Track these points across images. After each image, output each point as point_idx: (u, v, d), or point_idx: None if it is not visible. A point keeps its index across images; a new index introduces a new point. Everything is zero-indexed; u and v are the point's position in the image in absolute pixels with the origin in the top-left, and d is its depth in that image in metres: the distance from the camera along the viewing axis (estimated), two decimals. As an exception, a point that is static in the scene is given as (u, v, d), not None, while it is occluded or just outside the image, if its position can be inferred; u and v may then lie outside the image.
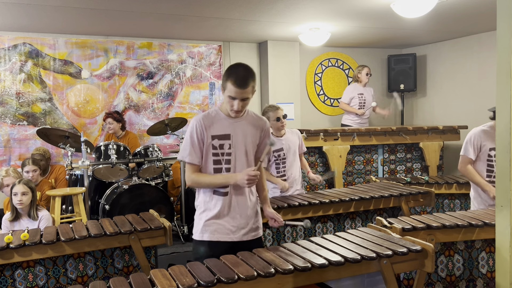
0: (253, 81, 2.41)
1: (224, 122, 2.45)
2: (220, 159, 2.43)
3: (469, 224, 2.78)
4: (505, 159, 2.15)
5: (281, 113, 3.79)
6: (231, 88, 2.33)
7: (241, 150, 2.46)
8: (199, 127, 2.40)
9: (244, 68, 2.40)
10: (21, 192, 3.43)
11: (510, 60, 2.09)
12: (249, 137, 2.48)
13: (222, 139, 2.43)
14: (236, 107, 2.37)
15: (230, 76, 2.35)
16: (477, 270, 2.90)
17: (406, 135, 5.51)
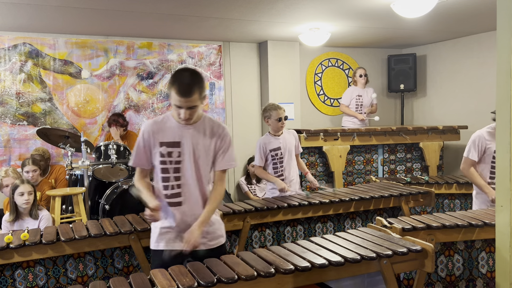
0: (200, 88, 2.22)
1: (174, 129, 2.33)
2: (168, 167, 2.33)
3: (469, 224, 2.79)
4: (505, 159, 2.16)
5: (283, 114, 3.79)
6: (175, 97, 2.19)
7: (192, 159, 2.33)
8: (146, 133, 2.32)
9: (190, 75, 2.22)
10: (28, 192, 3.45)
11: (510, 60, 2.09)
12: (200, 145, 2.34)
13: (171, 146, 2.32)
14: (183, 116, 2.24)
15: (173, 84, 2.19)
16: (477, 270, 2.90)
17: (406, 135, 5.51)
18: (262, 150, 3.80)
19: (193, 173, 2.34)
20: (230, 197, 5.44)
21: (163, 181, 2.34)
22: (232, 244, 3.37)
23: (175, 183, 2.34)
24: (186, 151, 2.32)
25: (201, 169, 2.36)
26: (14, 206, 3.48)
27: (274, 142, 3.81)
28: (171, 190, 2.35)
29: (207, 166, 2.39)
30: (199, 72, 2.28)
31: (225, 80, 6.16)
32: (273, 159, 3.80)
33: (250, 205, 3.38)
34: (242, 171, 6.23)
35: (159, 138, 2.32)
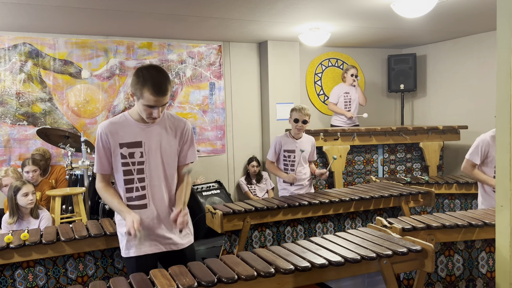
0: (170, 83, 2.18)
1: (134, 129, 2.25)
2: (131, 169, 2.24)
3: (469, 224, 2.79)
4: (505, 159, 2.15)
5: (302, 117, 3.77)
6: (149, 97, 2.10)
7: (156, 158, 2.26)
8: (104, 135, 2.22)
9: (158, 72, 2.16)
10: (32, 192, 3.45)
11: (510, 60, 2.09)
12: (164, 142, 2.28)
13: (132, 147, 2.23)
14: (156, 115, 2.17)
15: (145, 83, 2.09)
16: (477, 270, 2.90)
17: (406, 135, 5.51)
18: (277, 147, 3.84)
19: (158, 173, 2.27)
20: (230, 197, 5.44)
21: (126, 183, 2.25)
22: (232, 244, 3.37)
23: (139, 184, 2.25)
24: (148, 151, 2.25)
25: (166, 167, 2.29)
26: (16, 207, 3.46)
27: (290, 144, 3.84)
28: (135, 193, 2.26)
29: (173, 163, 2.32)
30: (162, 67, 2.25)
31: (225, 80, 6.16)
32: (285, 160, 3.83)
33: (250, 205, 3.38)
34: (242, 171, 6.24)
35: (118, 139, 2.23)
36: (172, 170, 2.33)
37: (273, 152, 3.86)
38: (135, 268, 2.26)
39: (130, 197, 2.27)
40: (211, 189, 5.22)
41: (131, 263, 2.30)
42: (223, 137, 6.17)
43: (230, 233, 3.35)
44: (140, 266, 2.24)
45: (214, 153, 6.12)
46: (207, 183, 5.33)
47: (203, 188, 5.18)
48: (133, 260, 2.29)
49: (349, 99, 6.04)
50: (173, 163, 2.33)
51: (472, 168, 3.37)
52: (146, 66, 2.21)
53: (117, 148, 2.23)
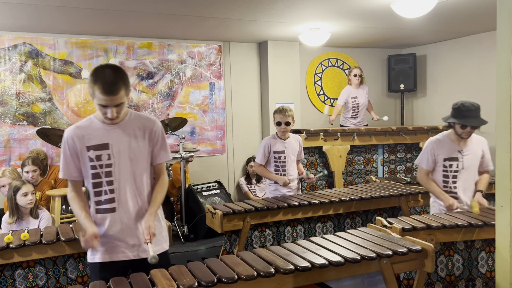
0: (125, 84, 2.07)
1: (100, 131, 2.16)
2: (99, 172, 2.16)
3: (469, 224, 2.79)
4: (505, 159, 2.16)
5: (284, 119, 3.71)
6: (99, 96, 2.02)
7: (124, 159, 2.17)
8: (70, 140, 2.15)
9: (112, 71, 2.06)
10: (31, 192, 3.45)
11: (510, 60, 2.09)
12: (133, 143, 2.19)
13: (99, 149, 2.15)
14: (110, 115, 2.08)
15: (96, 82, 2.02)
16: (476, 270, 2.91)
17: (406, 135, 5.51)
18: (266, 150, 3.78)
19: (127, 175, 2.18)
20: (230, 197, 5.44)
21: (95, 187, 2.18)
22: (232, 244, 3.37)
23: (107, 188, 2.17)
24: (116, 153, 2.16)
25: (135, 169, 2.21)
26: (16, 207, 3.46)
27: (279, 144, 3.80)
28: (104, 196, 2.18)
29: (143, 164, 2.23)
30: (121, 67, 2.15)
31: (225, 80, 6.16)
32: (276, 161, 3.79)
33: (250, 205, 3.38)
34: (242, 171, 6.24)
35: (85, 143, 2.15)
36: (141, 171, 2.23)
37: (261, 155, 3.78)
38: (98, 275, 2.16)
39: (99, 200, 2.18)
40: (211, 189, 5.23)
41: (95, 268, 2.20)
42: (223, 137, 6.17)
43: (230, 233, 3.35)
44: (104, 273, 2.14)
45: (214, 153, 6.12)
46: (207, 183, 5.33)
47: (203, 188, 5.18)
48: (97, 266, 2.19)
49: (357, 104, 6.01)
50: (143, 164, 2.23)
51: (426, 177, 3.24)
52: (102, 65, 2.14)
53: (84, 151, 2.15)
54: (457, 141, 3.18)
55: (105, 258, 2.18)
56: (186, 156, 4.87)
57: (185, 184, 5.00)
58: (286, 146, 3.80)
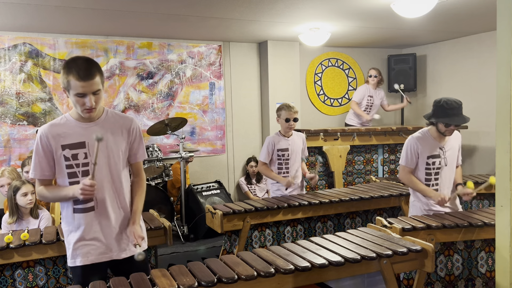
0: (98, 70, 2.04)
1: (76, 129, 2.12)
2: (76, 171, 2.11)
3: (469, 224, 2.79)
4: (505, 159, 2.16)
5: (293, 115, 3.75)
6: (76, 84, 1.99)
7: (102, 158, 2.12)
8: (44, 138, 2.11)
9: (85, 60, 2.05)
10: (31, 192, 3.45)
11: (510, 60, 2.09)
12: (110, 142, 2.15)
13: (75, 148, 2.10)
14: (89, 103, 2.03)
15: (70, 71, 2.00)
16: (476, 270, 2.91)
17: (406, 135, 5.50)
18: (270, 148, 3.79)
19: (104, 174, 2.14)
20: (230, 197, 5.44)
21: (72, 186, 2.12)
22: (232, 244, 3.37)
23: None
24: (93, 151, 2.09)
25: (113, 167, 2.17)
26: (15, 207, 3.46)
27: (283, 142, 3.81)
28: None
29: (120, 163, 2.19)
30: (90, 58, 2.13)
31: (225, 80, 6.16)
32: (279, 159, 3.79)
33: (250, 205, 3.38)
34: (242, 171, 6.24)
35: (60, 141, 2.10)
36: (119, 170, 2.19)
37: (266, 153, 3.79)
38: (80, 278, 2.13)
39: (76, 200, 2.12)
40: (211, 189, 5.23)
41: (77, 272, 2.16)
42: (223, 137, 6.17)
43: (230, 233, 3.35)
44: (86, 276, 2.11)
45: (214, 153, 6.12)
46: (207, 183, 5.33)
47: (203, 188, 5.18)
48: (79, 269, 2.15)
49: (371, 103, 6.14)
50: (120, 163, 2.20)
51: (409, 176, 3.16)
52: (73, 57, 2.10)
53: (59, 150, 2.11)
54: (438, 138, 3.13)
55: (85, 261, 2.13)
56: (186, 156, 4.87)
57: (185, 184, 5.00)
58: (290, 143, 3.81)
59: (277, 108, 3.86)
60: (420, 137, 3.16)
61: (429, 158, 3.10)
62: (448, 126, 3.03)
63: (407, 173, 3.17)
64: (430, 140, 3.13)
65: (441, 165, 3.11)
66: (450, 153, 3.15)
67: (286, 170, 3.80)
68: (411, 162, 3.14)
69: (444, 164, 3.12)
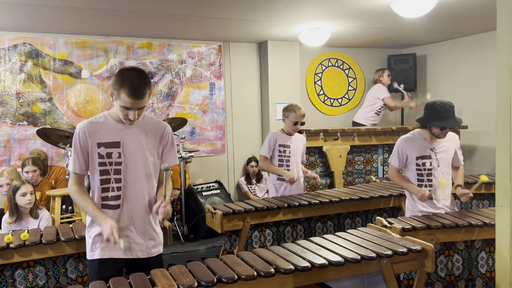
0: (149, 88, 2.14)
1: (113, 129, 2.21)
2: (108, 169, 2.20)
3: (469, 224, 2.79)
4: (505, 159, 2.16)
5: (301, 119, 3.78)
6: (125, 99, 2.08)
7: (134, 159, 2.21)
8: (82, 134, 2.18)
9: (139, 75, 2.12)
10: (30, 192, 3.45)
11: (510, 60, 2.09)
12: (144, 144, 2.24)
13: (110, 147, 2.19)
14: (133, 117, 2.14)
15: (123, 84, 2.07)
16: (476, 270, 2.91)
17: (406, 135, 5.50)
18: (272, 142, 3.79)
19: (136, 174, 2.22)
20: (230, 197, 5.44)
21: (102, 183, 2.21)
22: (232, 244, 3.37)
23: (115, 185, 2.21)
24: (127, 152, 2.20)
25: (145, 169, 2.24)
26: (15, 207, 3.46)
27: (285, 139, 3.83)
28: (111, 193, 2.22)
29: (151, 165, 2.27)
30: (144, 71, 2.21)
31: (225, 80, 6.16)
32: (280, 155, 3.79)
33: (250, 205, 3.38)
34: (242, 171, 6.24)
35: (96, 139, 2.19)
36: (150, 172, 2.27)
37: (267, 147, 3.78)
38: (97, 272, 2.19)
39: (106, 196, 2.22)
40: (211, 189, 5.23)
41: (93, 265, 2.22)
42: (223, 137, 6.17)
43: (230, 233, 3.35)
44: (102, 270, 2.17)
45: (214, 153, 6.12)
46: (207, 183, 5.34)
47: (203, 188, 5.18)
48: (96, 263, 2.21)
49: (382, 106, 6.23)
50: (152, 165, 2.27)
51: (396, 174, 3.22)
52: (128, 67, 2.18)
53: (95, 148, 2.19)
54: (430, 139, 3.13)
55: (104, 254, 2.20)
56: (186, 156, 4.87)
57: (185, 184, 5.00)
58: (291, 141, 3.83)
59: (286, 108, 3.83)
60: (409, 137, 3.19)
61: (418, 159, 3.11)
62: (444, 129, 3.04)
63: (395, 171, 3.22)
64: (419, 141, 3.14)
65: (432, 166, 3.10)
66: (443, 155, 3.14)
67: (287, 168, 3.80)
68: (398, 162, 3.18)
69: (436, 165, 3.11)
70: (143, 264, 2.23)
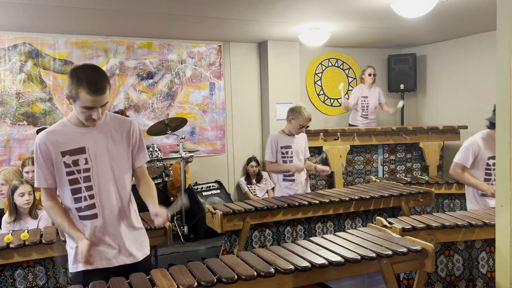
0: (108, 81, 2.00)
1: (75, 135, 2.07)
2: (77, 177, 2.06)
3: (469, 224, 2.79)
4: (505, 159, 2.15)
5: (307, 123, 3.79)
6: (86, 97, 1.93)
7: (103, 162, 2.09)
8: (43, 146, 2.04)
9: (94, 70, 1.99)
10: (28, 192, 3.45)
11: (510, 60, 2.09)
12: (111, 145, 2.11)
13: (75, 154, 2.05)
14: (96, 116, 1.99)
15: (80, 83, 1.92)
16: (477, 270, 2.90)
17: (406, 135, 5.51)
18: (274, 146, 3.82)
19: (106, 179, 2.10)
20: (230, 197, 5.44)
21: (74, 193, 2.07)
22: (232, 244, 3.37)
23: (87, 193, 2.08)
24: (93, 156, 2.07)
25: (115, 172, 2.13)
26: (14, 207, 3.46)
27: (286, 140, 3.85)
28: (84, 202, 2.08)
29: (122, 166, 2.16)
30: (98, 66, 2.09)
31: (225, 80, 6.16)
32: (283, 157, 3.82)
33: (250, 205, 3.38)
34: (242, 171, 6.24)
35: (59, 148, 2.04)
36: (122, 174, 2.15)
37: (270, 152, 3.83)
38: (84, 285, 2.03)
39: (79, 207, 2.09)
40: (211, 189, 5.23)
41: (78, 278, 2.10)
42: (223, 137, 6.17)
43: (230, 233, 3.35)
44: (87, 282, 2.01)
45: (214, 153, 6.12)
46: (207, 183, 5.34)
47: (203, 188, 5.18)
48: (80, 275, 2.09)
49: (366, 104, 6.16)
50: (122, 167, 2.16)
51: (462, 172, 3.33)
52: (80, 65, 2.03)
53: (59, 157, 2.05)
54: None
55: (87, 266, 2.07)
56: (186, 156, 4.87)
57: (185, 184, 5.00)
58: (293, 141, 3.84)
59: (294, 109, 3.79)
60: (484, 138, 3.30)
61: (490, 159, 3.24)
62: None
63: (460, 169, 3.33)
64: (491, 141, 3.24)
65: None
66: None
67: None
68: (467, 161, 3.29)
69: None
70: (131, 270, 2.12)
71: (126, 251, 2.17)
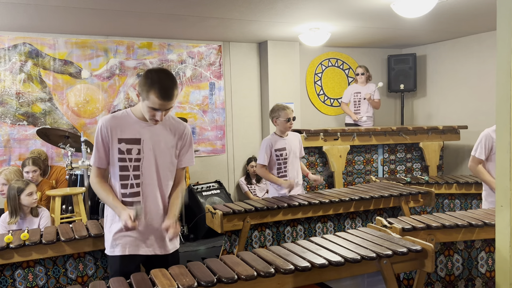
0: (177, 89, 2.19)
1: (134, 126, 2.26)
2: (127, 165, 2.24)
3: (469, 224, 2.79)
4: (505, 159, 2.15)
5: (292, 114, 3.79)
6: (155, 100, 2.11)
7: (153, 157, 2.27)
8: (104, 129, 2.23)
9: (167, 76, 2.17)
10: (35, 191, 3.47)
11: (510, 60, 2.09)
12: (162, 143, 2.29)
13: (131, 143, 2.24)
14: (159, 118, 2.18)
15: (153, 86, 2.10)
16: (476, 270, 2.91)
17: (406, 135, 5.51)
18: (268, 149, 3.79)
19: (153, 172, 2.27)
20: (230, 197, 5.44)
21: (122, 179, 2.26)
22: (232, 244, 3.37)
23: (134, 181, 2.26)
24: (146, 149, 2.25)
25: (160, 167, 2.29)
26: (19, 207, 3.46)
27: (280, 142, 3.81)
28: (130, 189, 2.26)
29: (168, 164, 2.32)
30: (172, 73, 2.24)
31: (225, 80, 6.16)
32: (278, 159, 3.80)
33: (250, 205, 3.38)
34: (242, 171, 6.24)
35: (117, 134, 2.23)
36: (166, 171, 2.32)
37: (264, 156, 3.77)
38: (118, 268, 2.25)
39: (125, 193, 2.27)
40: (211, 189, 5.23)
41: (115, 262, 2.28)
42: (223, 137, 6.17)
43: (230, 233, 3.35)
44: (123, 266, 2.23)
45: (214, 153, 6.12)
46: (207, 183, 5.34)
47: (203, 188, 5.18)
48: (117, 259, 2.27)
49: (358, 99, 6.10)
50: (168, 164, 2.33)
51: (476, 165, 3.36)
52: (156, 68, 2.22)
53: (115, 143, 2.23)
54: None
55: (124, 251, 2.25)
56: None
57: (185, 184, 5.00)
58: (286, 142, 3.82)
59: (272, 110, 3.84)
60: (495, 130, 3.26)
61: None
62: None
63: (476, 163, 3.36)
64: None
65: None
66: None
67: (284, 169, 3.80)
68: (480, 154, 3.31)
69: None
70: (161, 261, 2.27)
71: (160, 242, 2.31)
